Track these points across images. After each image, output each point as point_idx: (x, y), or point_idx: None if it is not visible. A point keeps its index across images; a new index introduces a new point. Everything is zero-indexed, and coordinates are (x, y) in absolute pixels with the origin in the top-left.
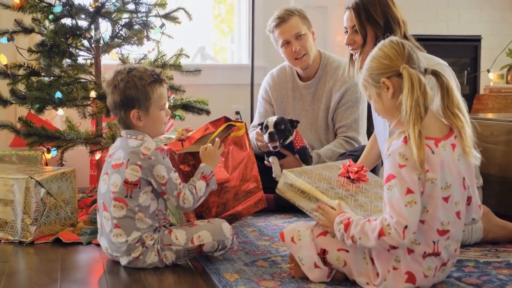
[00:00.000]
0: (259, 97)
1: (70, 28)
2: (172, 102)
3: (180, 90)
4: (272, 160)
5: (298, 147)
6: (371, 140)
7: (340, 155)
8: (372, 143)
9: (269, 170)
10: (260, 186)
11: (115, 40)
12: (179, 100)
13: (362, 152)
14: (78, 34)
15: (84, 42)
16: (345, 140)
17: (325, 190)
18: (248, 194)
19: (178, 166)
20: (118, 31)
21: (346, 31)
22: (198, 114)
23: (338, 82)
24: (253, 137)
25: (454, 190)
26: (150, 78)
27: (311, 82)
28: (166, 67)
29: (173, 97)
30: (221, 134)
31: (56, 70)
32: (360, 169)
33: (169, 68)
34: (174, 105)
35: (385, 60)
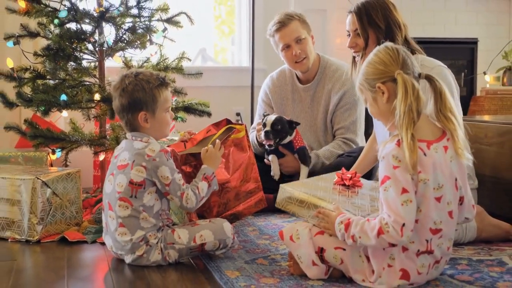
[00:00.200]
0: (259, 99)
1: (75, 32)
2: (174, 104)
3: (182, 93)
4: (271, 158)
5: (298, 147)
6: (368, 143)
7: (338, 156)
8: (369, 147)
9: (269, 170)
10: (260, 187)
11: (119, 44)
12: (181, 102)
13: (359, 153)
14: (83, 38)
15: (88, 46)
16: (343, 141)
17: (322, 197)
18: (248, 194)
19: (180, 167)
20: (121, 35)
21: (349, 34)
22: (199, 116)
23: (336, 85)
24: (253, 137)
25: (446, 191)
26: (156, 81)
27: (310, 84)
28: (168, 70)
29: (175, 99)
30: (221, 136)
31: (61, 73)
32: (353, 175)
33: (171, 71)
34: (176, 107)
35: (380, 65)
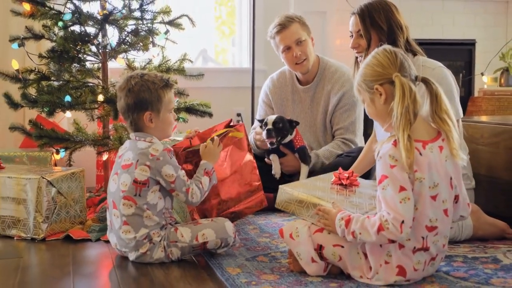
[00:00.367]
0: (260, 100)
1: (79, 34)
2: (176, 105)
3: (184, 94)
4: (272, 158)
5: (298, 147)
6: (368, 144)
7: (337, 156)
8: (368, 147)
9: (269, 169)
10: (260, 186)
11: (122, 46)
12: (183, 103)
13: (358, 153)
14: (86, 40)
15: (91, 47)
16: (342, 141)
17: (321, 196)
18: (249, 193)
19: (181, 166)
20: (124, 38)
21: (352, 35)
22: (201, 116)
23: (335, 86)
24: (252, 137)
25: (442, 189)
26: (161, 82)
27: (310, 86)
28: (170, 72)
29: (177, 100)
30: (220, 135)
31: (65, 75)
32: (350, 174)
33: (173, 72)
34: (178, 107)
35: (378, 67)
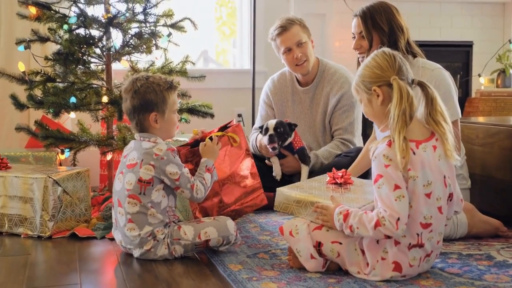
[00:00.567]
0: (261, 101)
1: (83, 37)
2: (178, 106)
3: (186, 95)
4: (272, 159)
5: (297, 148)
6: (366, 145)
7: (336, 156)
8: (367, 148)
9: (269, 170)
10: (260, 186)
11: (126, 48)
12: (185, 104)
13: (357, 153)
14: (91, 43)
15: (96, 50)
16: (341, 142)
17: (317, 195)
18: (250, 192)
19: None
20: (128, 40)
21: (354, 37)
22: (203, 117)
23: (334, 87)
24: (253, 140)
25: (435, 187)
26: (166, 84)
27: (310, 87)
28: (173, 73)
29: (179, 101)
30: (217, 133)
31: (70, 77)
32: (344, 173)
33: (175, 74)
34: (181, 108)
35: (377, 70)
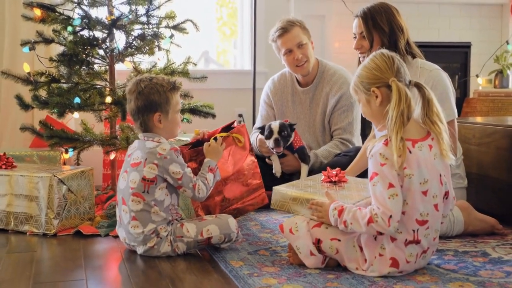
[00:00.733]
0: (261, 101)
1: (87, 39)
2: (181, 106)
3: (189, 96)
4: (272, 158)
5: (297, 147)
6: (365, 145)
7: (335, 155)
8: (365, 148)
9: (269, 169)
10: (262, 184)
11: (129, 49)
12: (187, 104)
13: (355, 153)
14: (95, 44)
15: (99, 51)
16: (340, 141)
17: (313, 192)
18: (251, 191)
19: (186, 164)
20: (131, 42)
21: (355, 37)
22: (204, 117)
23: (334, 88)
24: (254, 140)
25: (432, 185)
26: (169, 85)
27: (309, 87)
28: (175, 74)
29: (181, 101)
30: (222, 133)
31: (74, 77)
32: (338, 172)
33: (177, 75)
34: (183, 109)
35: (376, 71)
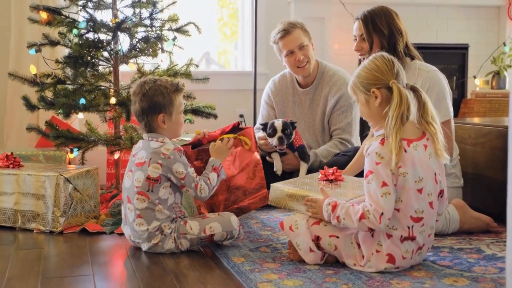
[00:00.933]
0: (262, 101)
1: (92, 41)
2: (183, 107)
3: (192, 97)
4: (273, 156)
5: (297, 145)
6: (362, 147)
7: (334, 155)
8: (362, 151)
9: (270, 167)
10: (264, 185)
11: (133, 51)
12: (189, 105)
13: (354, 152)
14: (100, 46)
15: (104, 53)
16: (339, 141)
17: (308, 189)
18: (254, 191)
19: (193, 162)
20: (135, 44)
21: (355, 39)
22: (206, 118)
23: (333, 89)
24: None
25: (427, 183)
26: (172, 87)
27: (309, 88)
28: (177, 76)
29: (184, 102)
30: (229, 134)
31: (80, 79)
32: (335, 171)
33: (180, 76)
34: (185, 109)
35: (377, 72)
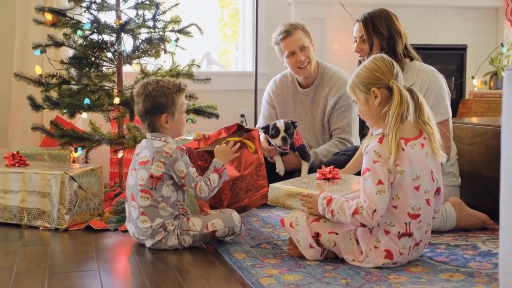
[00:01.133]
0: (263, 101)
1: (96, 42)
2: (186, 107)
3: (194, 97)
4: (275, 157)
5: (298, 145)
6: (361, 146)
7: (334, 154)
8: (361, 151)
9: (271, 167)
10: (266, 184)
11: (136, 52)
12: (191, 105)
13: (354, 152)
14: (103, 47)
15: (107, 54)
16: (339, 141)
17: (305, 188)
18: (256, 189)
19: (197, 162)
20: (138, 45)
21: (355, 41)
22: (208, 117)
23: (333, 89)
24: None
25: (423, 181)
26: (175, 87)
27: (310, 89)
28: (180, 76)
29: (186, 102)
30: (233, 136)
31: (84, 79)
32: (332, 169)
33: (182, 76)
34: (187, 109)
35: (377, 72)
